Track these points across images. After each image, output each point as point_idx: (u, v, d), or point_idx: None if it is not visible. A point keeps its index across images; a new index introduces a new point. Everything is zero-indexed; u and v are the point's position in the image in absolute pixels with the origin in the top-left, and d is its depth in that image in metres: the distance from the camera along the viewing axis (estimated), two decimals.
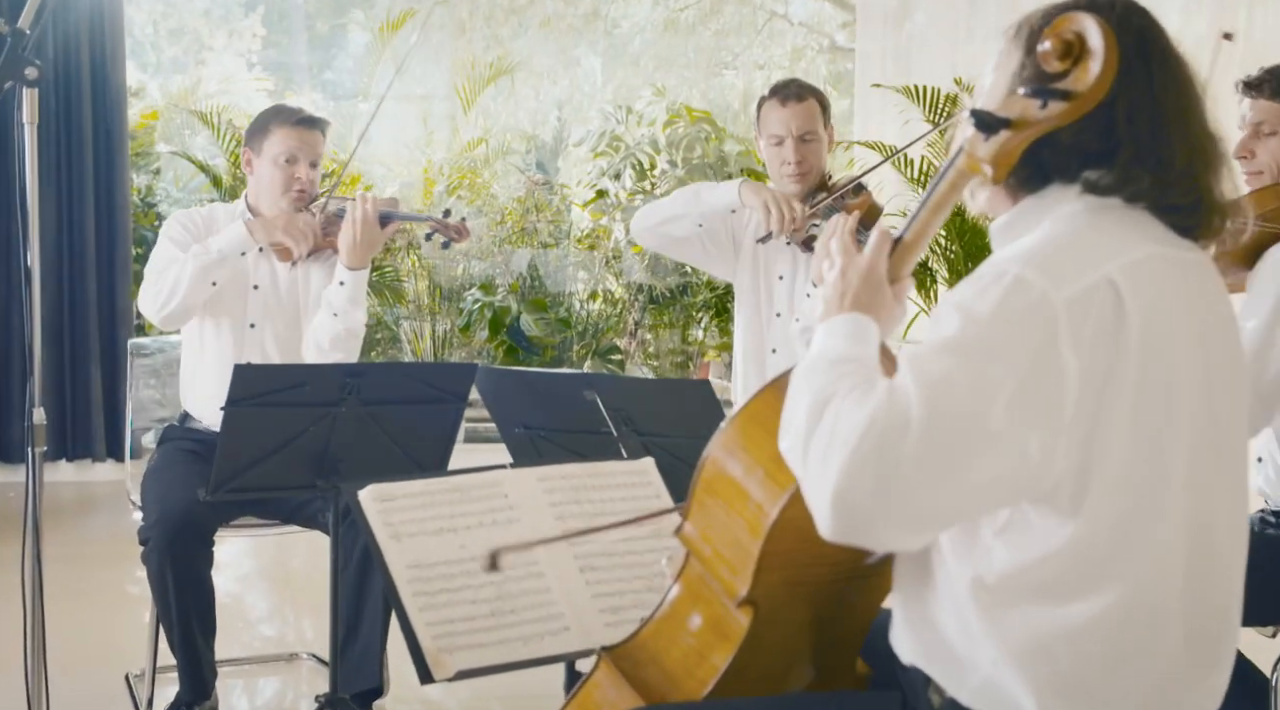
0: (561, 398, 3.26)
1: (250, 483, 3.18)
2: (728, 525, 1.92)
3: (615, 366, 7.32)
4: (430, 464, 3.30)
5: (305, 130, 3.86)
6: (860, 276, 1.85)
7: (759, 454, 1.88)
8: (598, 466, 2.67)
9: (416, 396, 3.21)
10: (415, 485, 2.50)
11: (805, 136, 3.89)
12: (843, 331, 1.81)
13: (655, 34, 13.55)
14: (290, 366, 3.63)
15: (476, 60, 9.97)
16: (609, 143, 8.33)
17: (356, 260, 3.76)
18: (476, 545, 2.45)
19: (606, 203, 8.16)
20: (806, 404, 1.69)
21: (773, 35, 13.80)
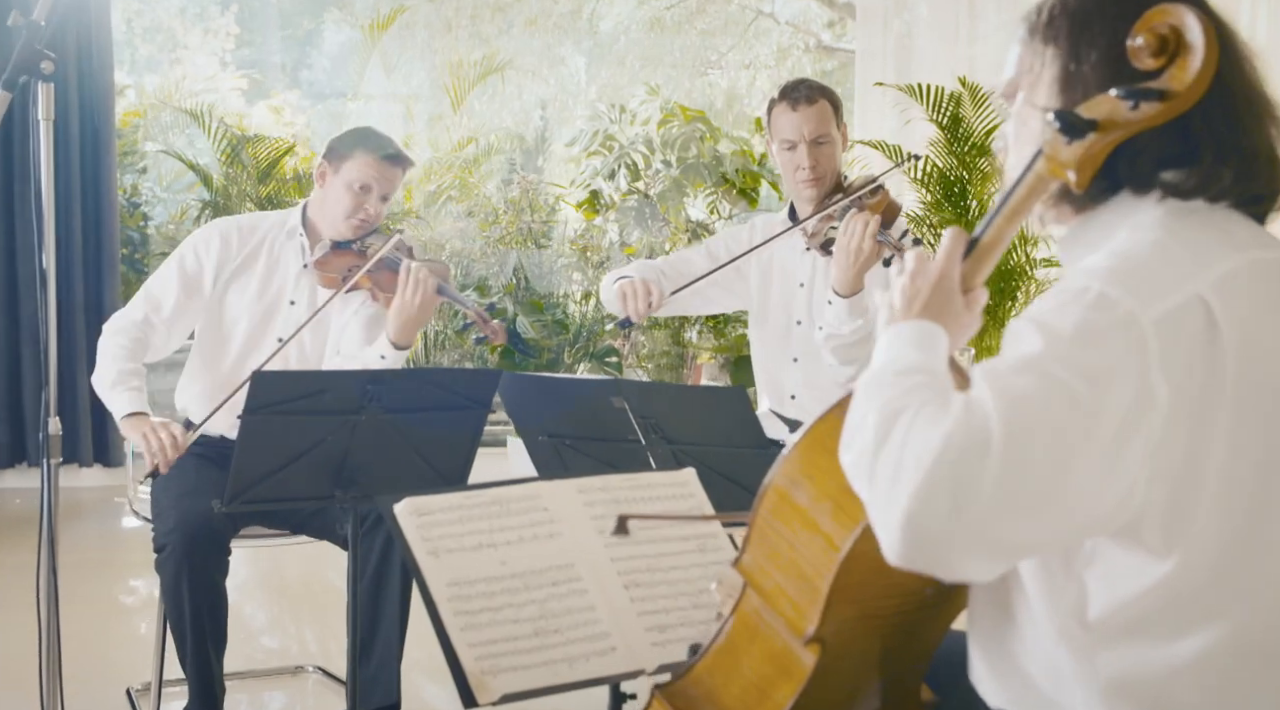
0: (588, 405, 3.17)
1: (267, 493, 3.07)
2: (793, 558, 1.81)
3: (613, 369, 7.22)
4: (451, 474, 3.20)
5: (389, 166, 3.78)
6: (931, 282, 1.74)
7: (827, 482, 1.76)
8: (637, 478, 2.57)
9: (439, 403, 3.10)
10: (452, 498, 2.39)
11: (818, 139, 3.79)
12: (910, 339, 1.70)
13: (641, 33, 13.48)
14: (310, 373, 3.53)
15: (462, 59, 9.87)
16: (602, 142, 8.21)
17: (407, 338, 3.63)
18: (517, 561, 2.36)
19: (600, 203, 8.05)
20: (873, 418, 1.58)
21: (758, 34, 13.75)
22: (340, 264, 3.76)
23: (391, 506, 2.36)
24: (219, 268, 3.79)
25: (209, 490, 3.50)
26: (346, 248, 3.78)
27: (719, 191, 8.13)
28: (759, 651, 1.90)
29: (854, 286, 3.59)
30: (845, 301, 3.59)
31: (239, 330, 3.78)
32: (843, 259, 3.56)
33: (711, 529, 2.54)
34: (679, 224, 8.03)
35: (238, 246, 3.82)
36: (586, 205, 8.10)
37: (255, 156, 7.38)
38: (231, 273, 3.81)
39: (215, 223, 3.93)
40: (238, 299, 3.81)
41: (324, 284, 3.77)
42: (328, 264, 3.76)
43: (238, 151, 7.39)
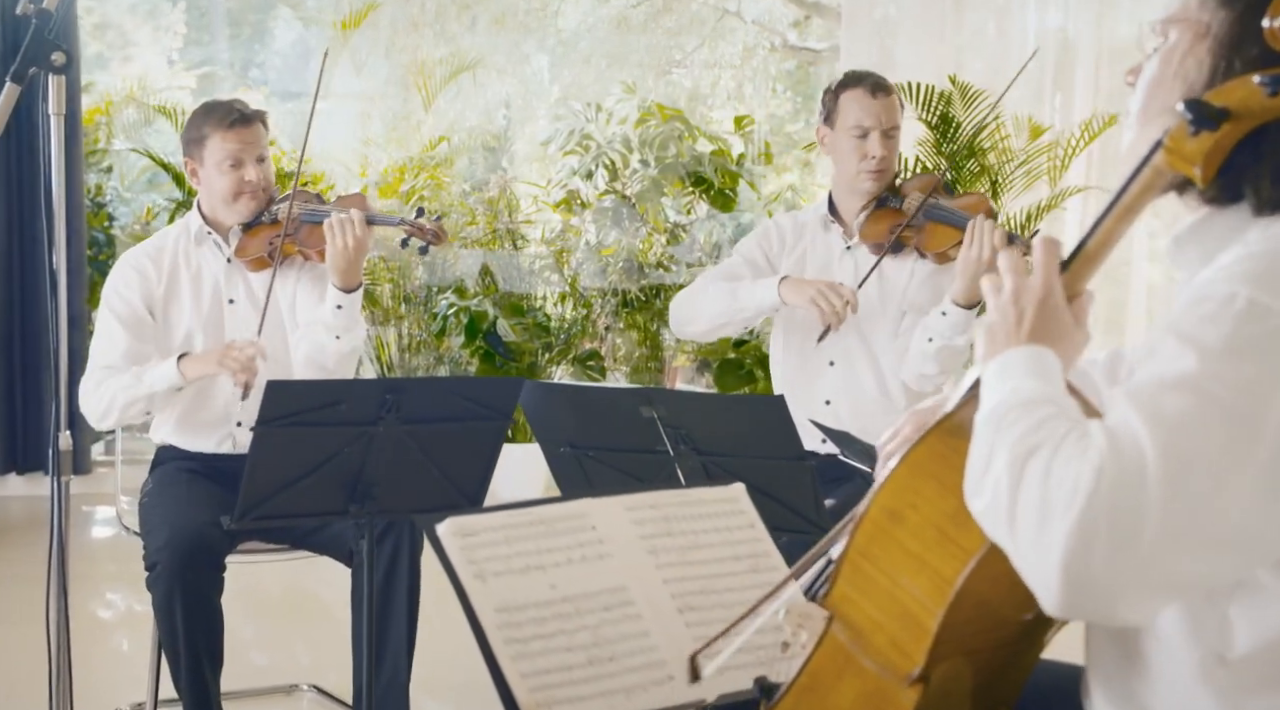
0: (614, 414, 3.03)
1: (279, 509, 2.93)
2: (893, 593, 1.66)
3: (595, 374, 7.07)
4: (469, 488, 3.06)
5: (243, 128, 3.64)
6: (1036, 302, 1.60)
7: (932, 512, 1.63)
8: (685, 493, 2.43)
9: (459, 414, 2.97)
10: (496, 518, 2.25)
11: (890, 132, 3.71)
12: (1024, 368, 1.56)
13: (606, 31, 13.31)
14: (326, 383, 3.38)
15: (426, 57, 9.68)
16: (578, 141, 8.06)
17: (351, 280, 3.54)
18: (567, 584, 2.22)
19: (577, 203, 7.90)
20: (1004, 458, 1.45)
21: (724, 33, 13.60)
22: (260, 242, 3.66)
23: (434, 527, 2.22)
24: (148, 299, 3.65)
25: (202, 504, 3.37)
26: (257, 223, 3.69)
27: (697, 192, 8.00)
28: (850, 691, 1.76)
29: (978, 296, 3.49)
30: (966, 312, 3.50)
31: (196, 348, 3.62)
32: (973, 269, 3.47)
33: (764, 549, 2.41)
34: (657, 224, 7.89)
35: (155, 273, 3.68)
36: (564, 205, 7.94)
37: None
38: (163, 299, 3.67)
39: (123, 259, 3.78)
40: (180, 320, 3.68)
41: (255, 269, 3.68)
42: (248, 247, 3.67)
43: None
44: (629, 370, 7.78)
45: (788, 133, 10.64)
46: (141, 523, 3.44)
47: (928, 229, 3.69)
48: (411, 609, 3.37)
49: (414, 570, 3.37)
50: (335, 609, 5.06)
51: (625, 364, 7.84)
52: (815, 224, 3.88)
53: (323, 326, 3.55)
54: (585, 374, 7.00)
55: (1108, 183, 7.30)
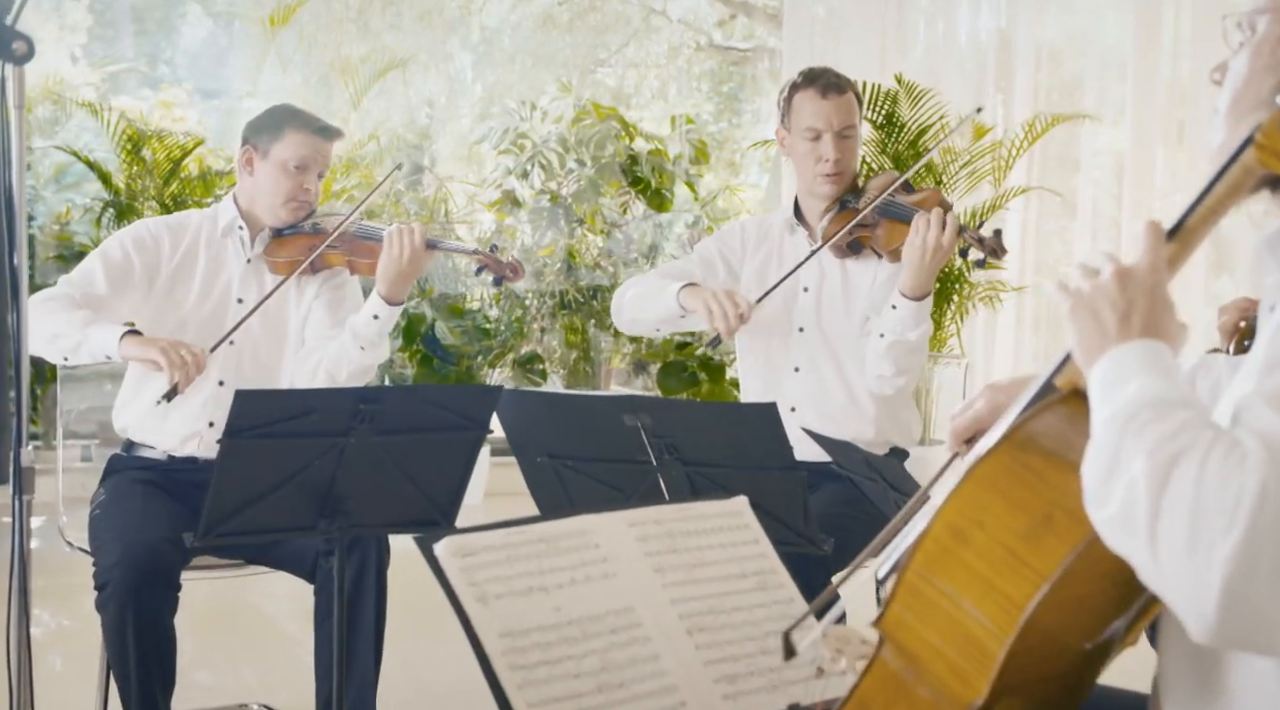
0: (596, 423, 2.91)
1: (245, 525, 2.78)
2: (956, 618, 1.55)
3: (538, 378, 6.95)
4: (443, 501, 2.93)
5: (323, 141, 3.57)
6: (1147, 290, 1.48)
7: (1001, 531, 1.51)
8: (688, 508, 2.32)
9: (434, 424, 2.84)
10: (495, 536, 2.12)
11: (845, 132, 3.59)
12: (1144, 364, 1.44)
13: (531, 29, 13.18)
14: (297, 392, 3.23)
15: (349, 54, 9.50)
16: (513, 140, 7.92)
17: (399, 293, 3.49)
18: (572, 606, 2.09)
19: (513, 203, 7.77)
20: (1141, 464, 1.32)
21: (650, 32, 13.51)
22: (296, 249, 3.57)
23: (431, 546, 2.09)
24: (150, 266, 3.50)
25: (156, 519, 3.22)
26: (297, 232, 3.59)
27: (633, 192, 7.90)
28: None
29: (926, 289, 3.42)
30: (916, 305, 3.41)
31: (187, 335, 3.48)
32: (917, 259, 3.37)
33: (770, 565, 2.30)
34: (594, 225, 7.78)
35: (170, 247, 3.55)
36: (499, 205, 7.80)
37: (156, 154, 6.96)
38: (169, 276, 3.52)
39: (142, 222, 3.66)
40: (180, 304, 3.53)
41: (280, 271, 3.57)
42: (279, 251, 3.57)
43: (139, 148, 6.97)
44: (565, 373, 7.67)
45: (710, 133, 10.57)
46: (91, 538, 3.27)
47: (883, 227, 3.59)
48: (378, 626, 3.23)
49: (380, 586, 3.23)
50: (281, 623, 4.90)
51: (562, 366, 7.72)
52: (781, 227, 3.78)
53: (351, 335, 3.45)
54: (526, 377, 6.88)
55: (1050, 183, 7.30)
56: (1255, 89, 1.54)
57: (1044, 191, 7.06)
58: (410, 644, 3.82)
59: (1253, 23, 1.56)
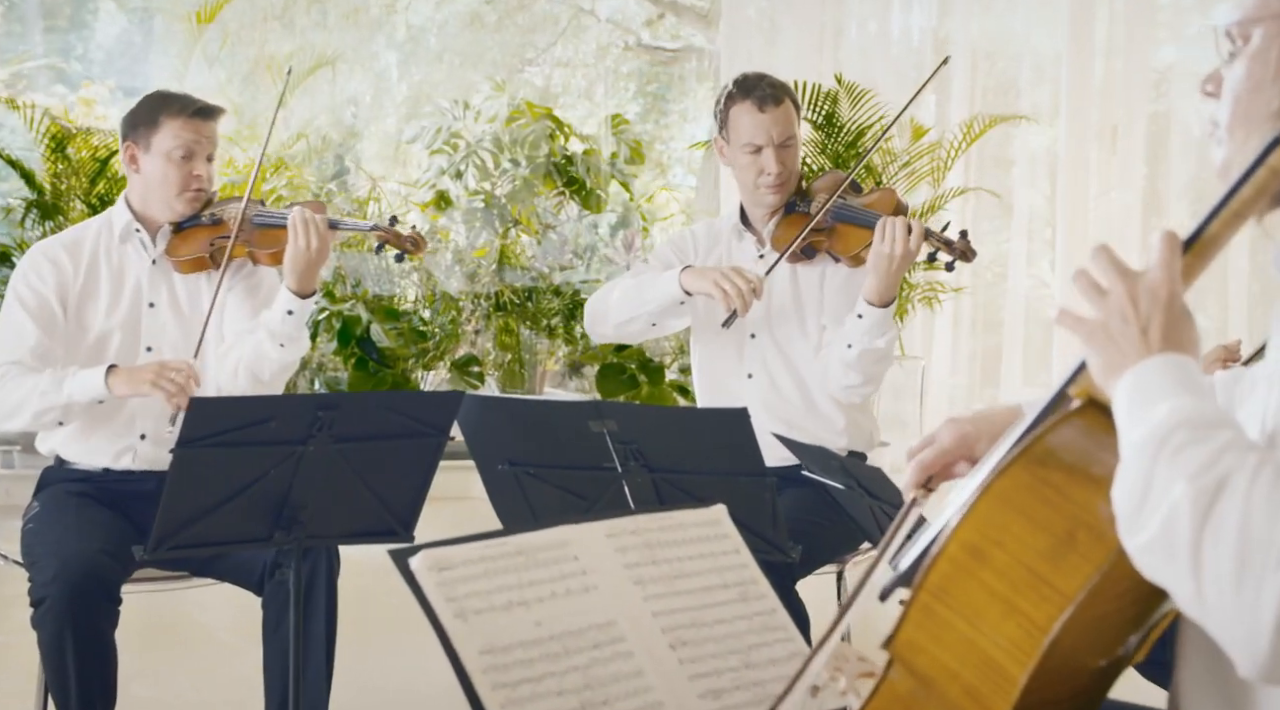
0: (560, 429, 2.85)
1: (198, 537, 2.68)
2: (974, 640, 1.49)
3: (475, 380, 6.85)
4: (403, 511, 2.84)
5: (203, 121, 3.42)
6: (1164, 303, 1.41)
7: (1022, 550, 1.46)
8: (666, 517, 2.25)
9: (394, 431, 2.75)
10: (473, 549, 2.04)
11: (785, 143, 3.53)
12: (1171, 380, 1.37)
13: (458, 28, 13.05)
14: (254, 399, 3.12)
15: (274, 51, 9.35)
16: (446, 140, 7.81)
17: (310, 283, 3.32)
18: (553, 621, 2.02)
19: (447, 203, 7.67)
20: (1183, 492, 1.26)
21: (578, 32, 13.43)
22: (197, 244, 3.44)
23: (407, 560, 2.01)
24: (61, 293, 3.37)
25: (95, 531, 3.11)
26: (195, 224, 3.46)
27: (568, 192, 7.82)
28: None
29: (892, 295, 3.36)
30: (882, 311, 3.35)
31: (109, 351, 3.36)
32: (884, 266, 3.31)
33: (751, 575, 2.24)
34: (529, 225, 7.70)
35: (72, 267, 3.41)
36: (433, 205, 7.70)
37: (80, 152, 6.78)
38: (78, 295, 3.39)
39: (35, 248, 3.50)
40: (94, 321, 3.40)
41: (187, 271, 3.44)
42: (181, 248, 3.43)
43: (63, 146, 6.79)
44: (500, 375, 7.58)
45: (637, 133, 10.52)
46: (25, 552, 3.15)
47: (838, 231, 3.54)
48: (329, 637, 3.14)
49: (331, 596, 3.14)
50: (216, 634, 4.77)
51: (497, 369, 7.63)
52: (730, 232, 3.72)
53: (267, 333, 3.31)
54: (463, 380, 6.78)
55: (985, 184, 7.31)
56: (1263, 102, 1.50)
57: (980, 192, 7.06)
58: (360, 654, 3.73)
59: (1245, 33, 1.52)
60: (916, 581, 1.54)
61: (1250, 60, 1.50)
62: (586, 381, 7.88)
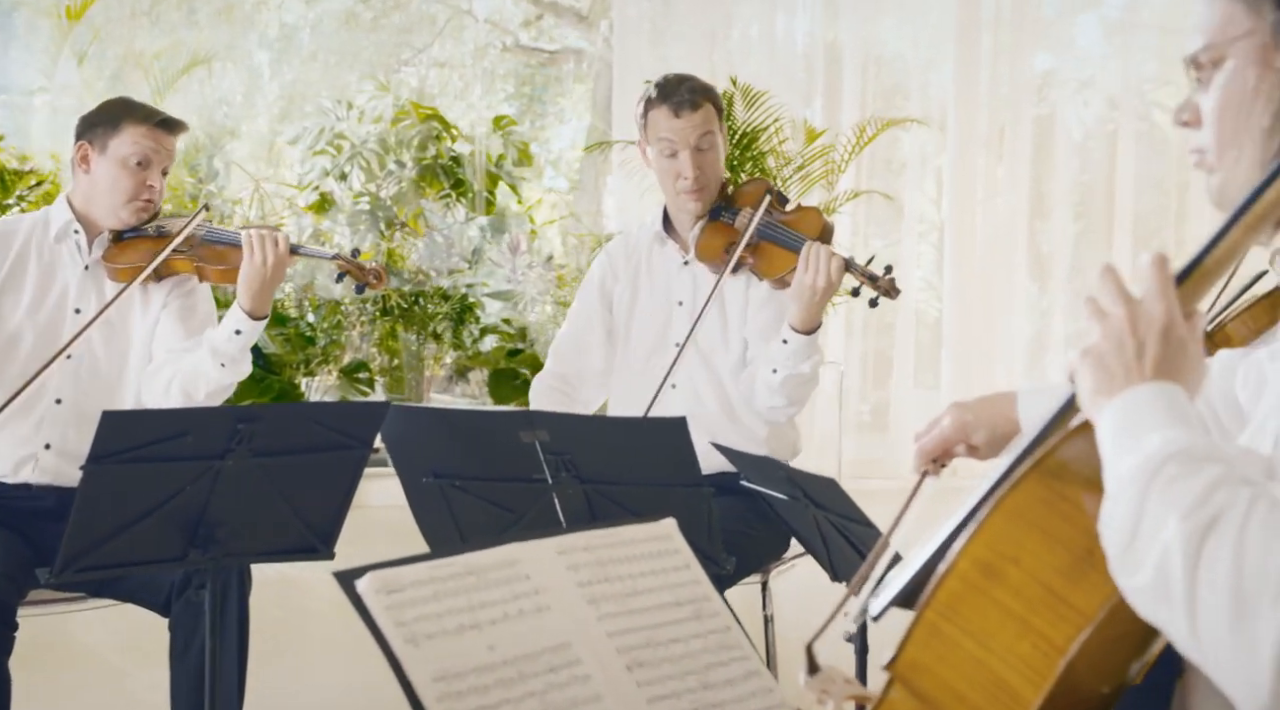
0: (490, 440, 2.76)
1: (108, 558, 2.54)
2: (984, 661, 1.43)
3: (365, 386, 6.69)
4: (323, 527, 2.72)
5: (165, 134, 3.34)
6: (1159, 330, 1.36)
7: (1038, 567, 1.40)
8: (616, 532, 2.16)
9: (316, 443, 2.63)
10: (421, 570, 1.93)
11: (701, 146, 3.45)
12: (1161, 412, 1.32)
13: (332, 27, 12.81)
14: (170, 412, 2.98)
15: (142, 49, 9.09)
16: (329, 140, 7.63)
17: (263, 305, 3.24)
18: (506, 645, 1.92)
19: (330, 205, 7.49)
20: (1175, 531, 1.21)
21: (455, 32, 13.24)
22: (138, 254, 3.32)
23: (353, 583, 1.90)
24: None
25: None
26: (140, 235, 3.34)
27: (454, 194, 7.69)
28: None
29: (816, 322, 3.30)
30: (807, 339, 3.28)
31: (20, 351, 3.22)
32: (806, 296, 3.23)
33: (704, 592, 2.17)
34: (416, 228, 7.55)
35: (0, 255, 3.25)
36: (316, 207, 7.51)
37: None
38: None
39: None
40: (12, 316, 3.26)
41: (121, 278, 3.32)
42: (120, 256, 3.32)
43: None
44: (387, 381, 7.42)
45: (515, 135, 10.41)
46: None
47: (762, 250, 3.44)
48: (241, 658, 3.02)
49: (243, 616, 3.02)
50: (106, 656, 4.58)
51: (382, 375, 7.48)
52: (649, 241, 3.64)
53: (210, 351, 3.19)
54: (353, 386, 6.62)
55: (881, 187, 7.33)
56: (1248, 120, 1.47)
57: (870, 195, 7.08)
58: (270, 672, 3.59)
59: (1216, 57, 1.49)
60: (922, 600, 1.48)
61: (1225, 86, 1.47)
62: (474, 386, 7.76)
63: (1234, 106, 1.48)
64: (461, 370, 7.83)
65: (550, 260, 8.14)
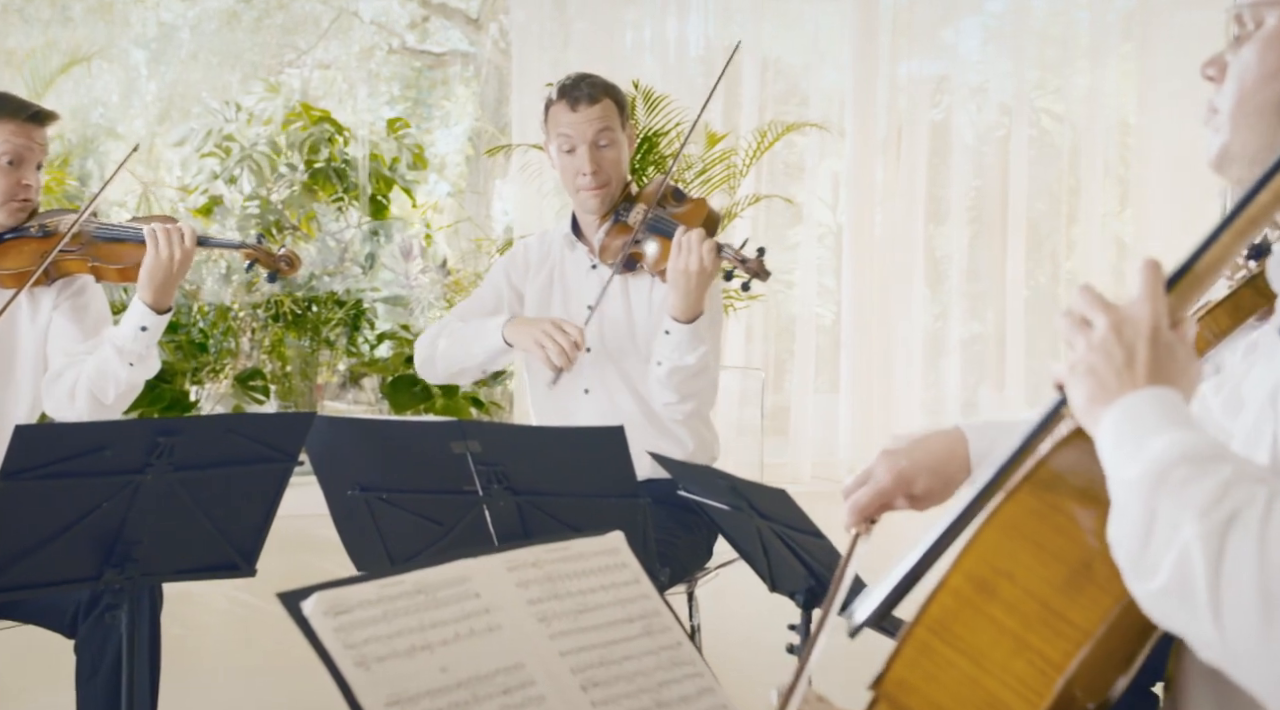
0: (419, 451, 2.68)
1: (19, 579, 2.41)
2: (978, 679, 1.38)
3: (260, 394, 6.52)
4: (245, 543, 2.61)
5: (36, 127, 3.18)
6: (1147, 335, 1.33)
7: (1033, 582, 1.35)
8: (565, 547, 2.09)
9: (239, 456, 2.52)
10: (369, 589, 1.85)
11: (599, 141, 3.40)
12: (1163, 415, 1.28)
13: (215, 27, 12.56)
14: (88, 425, 2.82)
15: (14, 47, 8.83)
16: (218, 142, 7.46)
17: (166, 298, 3.10)
18: (459, 666, 1.85)
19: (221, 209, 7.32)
20: (1190, 530, 1.18)
21: (340, 33, 13.05)
22: (23, 257, 3.16)
23: (299, 604, 1.81)
24: None
25: None
26: (22, 236, 3.18)
27: (347, 197, 7.55)
28: None
29: (695, 311, 3.22)
30: (688, 328, 3.21)
31: None
32: (681, 282, 3.16)
33: (654, 606, 2.11)
34: (309, 232, 7.40)
35: None
36: (205, 211, 7.33)
37: None
38: None
39: None
40: None
41: (8, 285, 3.17)
42: (4, 261, 3.16)
43: None
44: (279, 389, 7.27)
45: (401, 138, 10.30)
46: None
47: (653, 243, 3.41)
48: (154, 680, 2.90)
49: (155, 635, 2.90)
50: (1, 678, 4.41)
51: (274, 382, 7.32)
52: (560, 243, 3.58)
53: (114, 350, 3.05)
54: (247, 394, 6.46)
55: (781, 191, 7.33)
56: (1272, 89, 1.43)
57: (771, 199, 7.07)
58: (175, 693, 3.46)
59: (1258, 16, 1.45)
60: (915, 616, 1.43)
61: (1263, 45, 1.43)
62: (369, 393, 7.63)
63: (1263, 72, 1.45)
64: (355, 377, 7.70)
65: (445, 265, 8.04)
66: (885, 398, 7.91)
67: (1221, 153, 1.46)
